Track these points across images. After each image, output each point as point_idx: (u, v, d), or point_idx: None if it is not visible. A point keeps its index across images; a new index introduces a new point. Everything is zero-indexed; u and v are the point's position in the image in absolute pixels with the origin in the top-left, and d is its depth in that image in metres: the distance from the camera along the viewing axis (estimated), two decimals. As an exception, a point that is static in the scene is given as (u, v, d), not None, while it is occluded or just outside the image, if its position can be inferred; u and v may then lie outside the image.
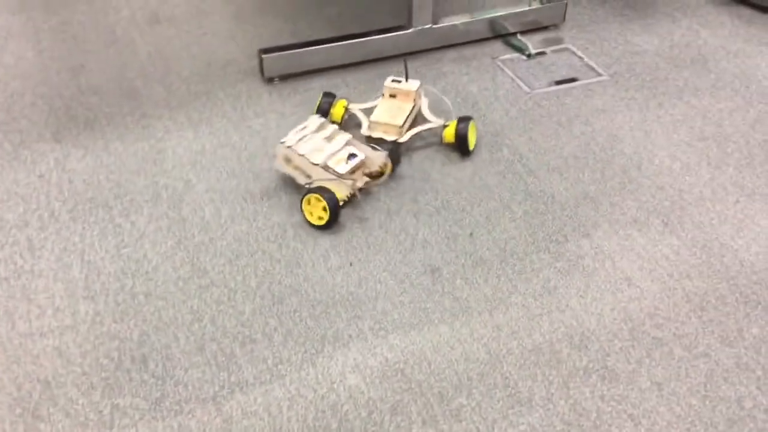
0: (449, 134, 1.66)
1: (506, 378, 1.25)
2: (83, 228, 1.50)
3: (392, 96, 1.72)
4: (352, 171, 1.55)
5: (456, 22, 2.03)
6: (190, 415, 1.19)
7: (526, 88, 1.92)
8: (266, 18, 2.18)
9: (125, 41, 2.08)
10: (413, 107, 1.70)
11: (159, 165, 1.66)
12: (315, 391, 1.23)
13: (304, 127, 1.61)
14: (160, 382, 1.23)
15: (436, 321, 1.34)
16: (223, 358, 1.27)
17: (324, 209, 1.48)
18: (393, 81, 1.73)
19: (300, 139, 1.57)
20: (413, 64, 1.99)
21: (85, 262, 1.43)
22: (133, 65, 1.98)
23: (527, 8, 2.10)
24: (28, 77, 1.93)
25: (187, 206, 1.56)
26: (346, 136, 1.60)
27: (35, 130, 1.76)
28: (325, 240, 1.49)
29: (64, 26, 2.14)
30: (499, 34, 2.10)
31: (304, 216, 1.52)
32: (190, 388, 1.23)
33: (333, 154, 1.55)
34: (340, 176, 1.52)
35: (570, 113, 1.83)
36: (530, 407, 1.20)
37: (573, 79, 1.95)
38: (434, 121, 1.70)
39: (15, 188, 1.60)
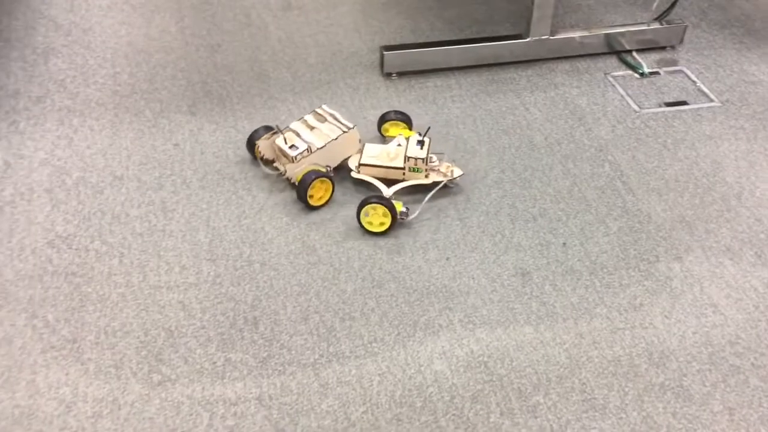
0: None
1: (583, 384, 1.33)
2: (210, 196, 1.66)
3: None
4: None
5: (573, 35, 2.09)
6: (291, 377, 1.32)
7: (635, 107, 1.96)
8: (390, 14, 2.29)
9: (258, 24, 2.23)
10: (398, 168, 1.67)
11: (281, 146, 1.80)
12: (404, 371, 1.34)
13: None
14: (267, 344, 1.38)
15: (522, 322, 1.43)
16: (324, 330, 1.40)
17: None
18: (418, 141, 1.67)
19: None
20: (527, 72, 2.06)
21: (210, 227, 1.59)
22: (264, 49, 2.13)
23: (646, 27, 2.13)
24: (171, 51, 2.11)
25: (303, 187, 1.69)
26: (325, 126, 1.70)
27: (174, 102, 1.93)
28: (426, 234, 1.60)
29: (204, 5, 2.32)
30: (615, 50, 2.14)
31: None
32: (293, 352, 1.36)
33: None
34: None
35: (676, 136, 1.87)
36: (604, 414, 1.28)
37: (683, 102, 1.98)
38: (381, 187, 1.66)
39: (153, 153, 1.77)
